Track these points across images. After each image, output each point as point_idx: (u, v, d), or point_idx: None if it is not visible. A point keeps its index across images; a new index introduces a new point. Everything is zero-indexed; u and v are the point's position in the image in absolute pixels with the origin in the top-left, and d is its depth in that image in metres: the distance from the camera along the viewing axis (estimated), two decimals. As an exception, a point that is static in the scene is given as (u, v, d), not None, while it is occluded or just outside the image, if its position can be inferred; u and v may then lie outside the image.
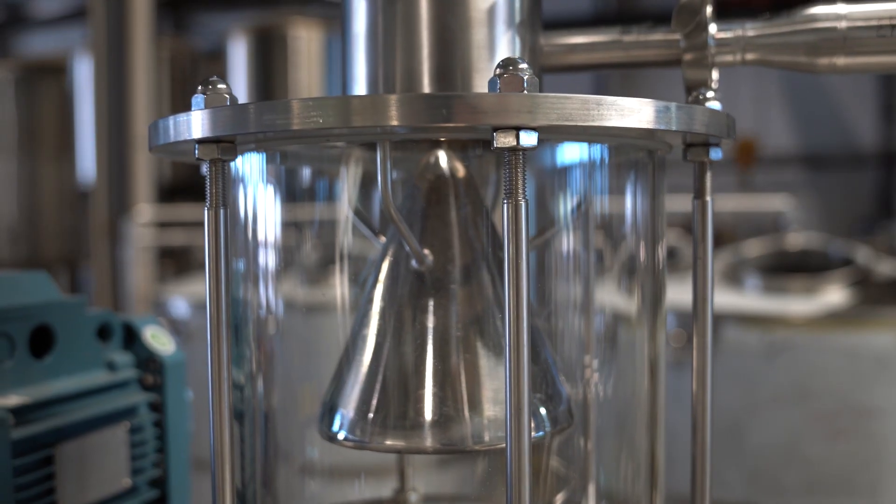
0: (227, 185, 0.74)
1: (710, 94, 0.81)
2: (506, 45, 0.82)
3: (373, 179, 0.91)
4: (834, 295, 4.25)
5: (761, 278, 4.30)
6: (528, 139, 0.65)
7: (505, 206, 0.66)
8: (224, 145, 0.72)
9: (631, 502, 0.94)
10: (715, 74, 0.94)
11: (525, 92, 0.64)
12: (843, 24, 0.90)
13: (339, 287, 0.93)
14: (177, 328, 4.98)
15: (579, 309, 0.98)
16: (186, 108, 0.75)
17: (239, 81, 9.28)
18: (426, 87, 0.80)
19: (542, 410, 0.85)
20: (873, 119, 14.98)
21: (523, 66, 0.65)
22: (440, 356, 0.83)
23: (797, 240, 4.76)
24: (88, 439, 1.13)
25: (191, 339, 5.05)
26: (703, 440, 0.84)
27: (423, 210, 0.85)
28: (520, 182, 0.66)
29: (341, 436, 0.85)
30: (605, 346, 1.00)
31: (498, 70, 0.66)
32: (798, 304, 4.16)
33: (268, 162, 0.89)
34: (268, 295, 0.92)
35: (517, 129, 0.65)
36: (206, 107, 0.72)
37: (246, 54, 9.34)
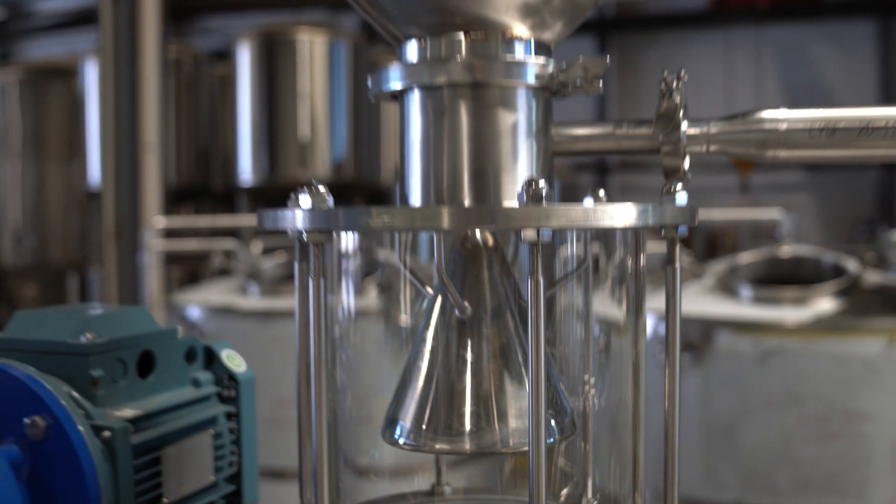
0: (325, 260, 1.04)
1: (678, 186, 1.11)
2: (525, 151, 1.12)
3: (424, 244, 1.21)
4: (824, 304, 4.51)
5: (754, 290, 4.57)
6: (546, 235, 0.95)
7: (529, 281, 0.96)
8: (324, 234, 1.02)
9: (620, 496, 1.24)
10: (687, 162, 1.24)
11: (544, 205, 0.94)
12: (783, 126, 1.20)
13: (399, 325, 1.23)
14: (198, 330, 5.29)
15: (579, 340, 1.29)
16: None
17: (244, 85, 9.59)
18: (465, 183, 1.10)
19: (553, 422, 1.15)
20: (875, 121, 15.23)
21: (542, 184, 0.95)
22: (476, 381, 1.13)
23: (790, 250, 5.04)
24: (184, 444, 1.43)
25: (205, 339, 5.35)
26: (673, 452, 1.13)
27: (463, 271, 1.16)
28: (538, 264, 0.96)
29: (402, 441, 1.15)
30: (598, 365, 1.31)
31: (524, 186, 0.96)
32: (790, 313, 4.43)
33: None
34: (342, 336, 1.22)
35: (538, 228, 0.94)
36: (310, 207, 1.02)
37: (251, 58, 9.61)
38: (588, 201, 1.28)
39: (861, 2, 12.82)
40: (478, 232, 1.17)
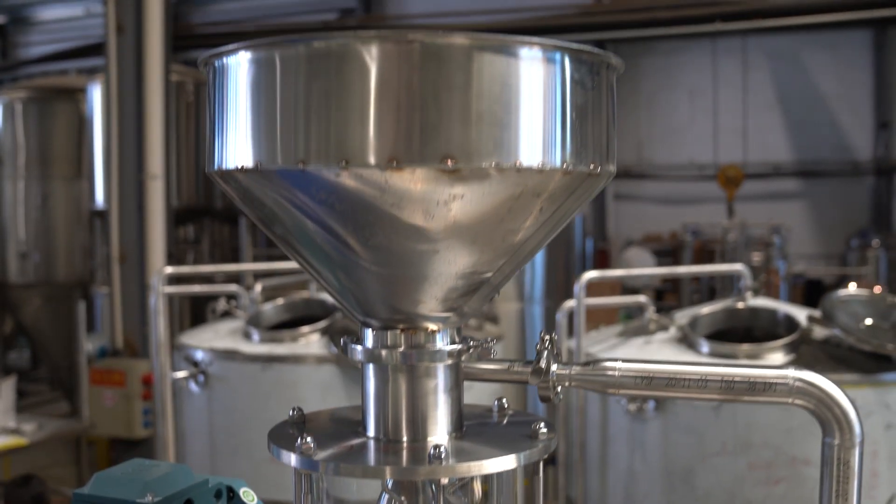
0: (312, 485, 1.72)
1: (541, 424, 1.78)
2: (443, 402, 1.79)
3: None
4: (776, 358, 5.14)
5: (711, 345, 5.22)
6: (448, 476, 1.63)
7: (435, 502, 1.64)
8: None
9: None
10: (557, 389, 1.91)
11: (443, 464, 1.62)
12: (617, 374, 1.87)
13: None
14: (203, 371, 5.98)
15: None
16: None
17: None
18: (404, 425, 1.77)
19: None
20: (868, 131, 15.81)
21: (445, 447, 1.62)
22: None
23: (746, 303, 5.68)
24: (219, 563, 2.12)
25: (209, 381, 6.05)
26: None
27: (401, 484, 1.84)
28: (441, 497, 1.63)
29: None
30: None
31: (432, 449, 1.63)
32: (743, 367, 5.06)
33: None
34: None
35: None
36: (300, 454, 1.69)
37: (251, 83, 10.17)
38: (495, 405, 1.95)
39: (856, 13, 13.38)
40: (414, 448, 1.85)
